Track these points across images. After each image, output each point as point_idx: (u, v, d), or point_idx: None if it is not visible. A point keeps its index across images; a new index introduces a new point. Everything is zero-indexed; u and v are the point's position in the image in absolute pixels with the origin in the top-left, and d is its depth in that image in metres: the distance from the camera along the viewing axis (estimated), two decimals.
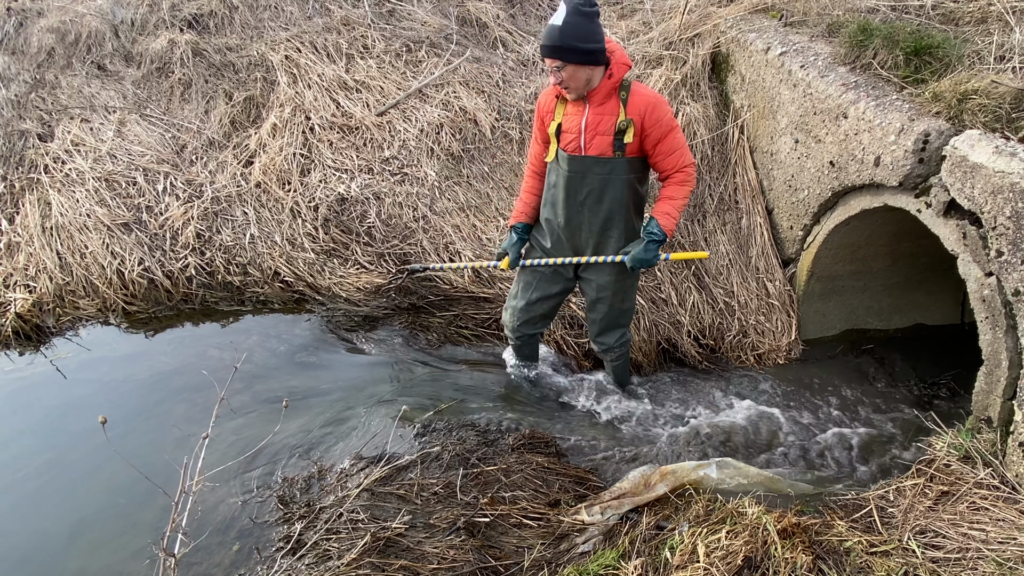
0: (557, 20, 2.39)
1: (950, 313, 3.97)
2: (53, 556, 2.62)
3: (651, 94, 2.58)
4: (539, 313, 3.16)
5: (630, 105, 2.56)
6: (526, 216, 2.97)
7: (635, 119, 2.56)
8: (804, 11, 3.98)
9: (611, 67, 2.52)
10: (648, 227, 2.71)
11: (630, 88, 2.56)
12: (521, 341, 3.36)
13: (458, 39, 5.29)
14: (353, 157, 4.59)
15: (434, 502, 2.65)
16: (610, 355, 3.31)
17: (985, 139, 2.47)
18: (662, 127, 2.57)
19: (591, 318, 3.17)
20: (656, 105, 2.55)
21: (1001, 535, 2.03)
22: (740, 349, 3.81)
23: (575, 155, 2.67)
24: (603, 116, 2.59)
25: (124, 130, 4.91)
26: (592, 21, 2.42)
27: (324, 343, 3.87)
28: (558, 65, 2.47)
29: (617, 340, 3.20)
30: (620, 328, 3.18)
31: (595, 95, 2.57)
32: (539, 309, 3.14)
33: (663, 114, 2.56)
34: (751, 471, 2.81)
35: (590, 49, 2.42)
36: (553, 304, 3.17)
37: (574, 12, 2.37)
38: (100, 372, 3.69)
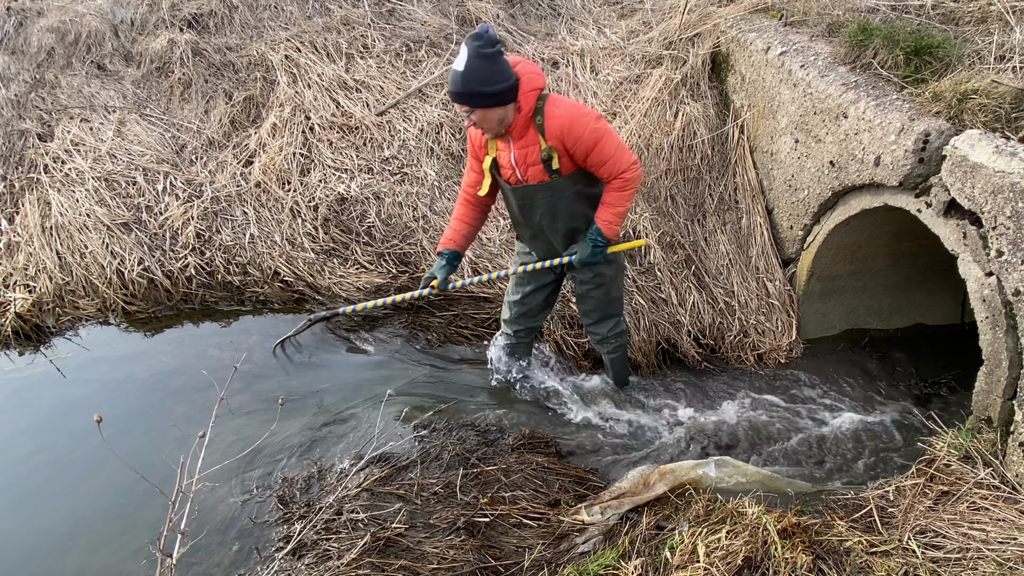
0: (459, 65, 2.34)
1: (950, 313, 3.97)
2: (53, 556, 2.62)
3: (565, 114, 2.48)
4: (535, 303, 3.19)
5: (547, 132, 2.50)
6: (455, 244, 2.89)
7: (555, 144, 2.53)
8: (804, 11, 3.98)
9: (519, 100, 2.46)
10: (591, 233, 2.73)
11: (544, 113, 2.48)
12: (519, 337, 3.37)
13: (458, 39, 5.29)
14: (353, 157, 4.59)
15: (434, 502, 2.65)
16: (607, 346, 3.30)
17: (985, 139, 2.47)
18: (585, 142, 2.49)
19: (582, 310, 3.21)
20: (571, 124, 2.47)
21: (1001, 535, 2.03)
22: (740, 349, 3.81)
23: (517, 186, 2.70)
24: (527, 148, 2.57)
25: (124, 130, 4.91)
26: (494, 62, 2.35)
27: (324, 343, 3.87)
28: (467, 110, 2.46)
29: (610, 330, 3.21)
30: (611, 318, 3.19)
31: (513, 131, 2.55)
32: (535, 299, 3.17)
33: (582, 130, 2.47)
34: (750, 470, 2.81)
35: (495, 91, 2.37)
36: (547, 294, 3.19)
37: (475, 56, 2.31)
38: (100, 372, 3.69)
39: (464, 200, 2.89)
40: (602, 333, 3.22)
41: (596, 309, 3.13)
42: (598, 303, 3.10)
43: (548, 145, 2.53)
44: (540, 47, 5.17)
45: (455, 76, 2.36)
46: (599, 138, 2.49)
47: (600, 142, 2.49)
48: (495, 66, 2.35)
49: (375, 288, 4.11)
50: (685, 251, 4.03)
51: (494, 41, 2.33)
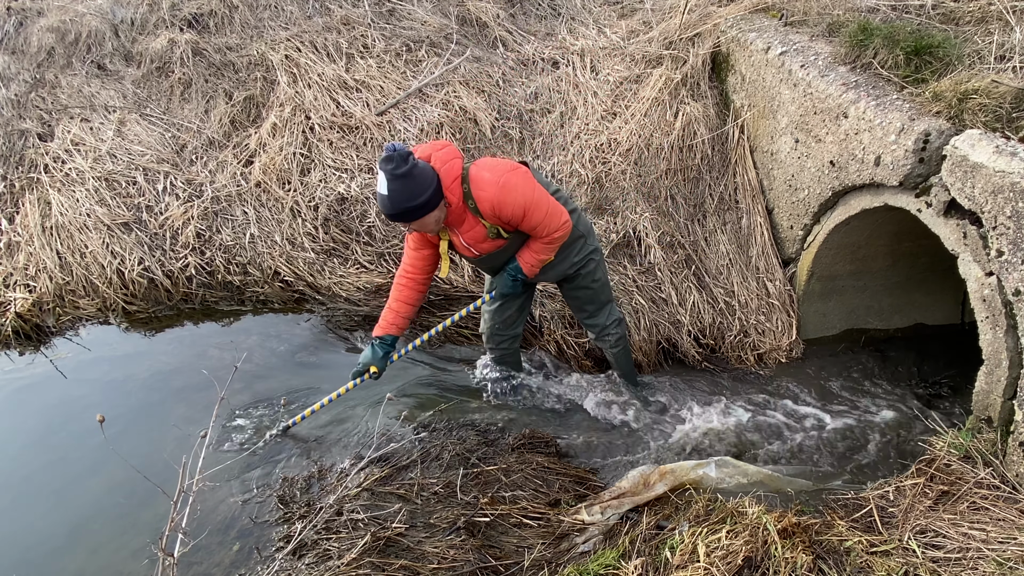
0: (382, 189, 2.41)
1: (950, 313, 3.97)
2: (53, 556, 2.62)
3: (490, 196, 2.53)
4: (511, 312, 3.22)
5: (482, 212, 2.59)
6: (396, 328, 2.89)
7: (493, 220, 2.63)
8: (804, 11, 3.98)
9: (445, 196, 2.52)
10: (511, 269, 2.82)
11: (472, 196, 2.55)
12: (502, 349, 3.39)
13: (458, 39, 5.29)
14: (353, 157, 4.59)
15: (434, 502, 2.65)
16: (608, 339, 3.29)
17: (985, 139, 2.47)
18: (516, 212, 2.57)
19: (576, 306, 3.24)
20: (500, 200, 2.53)
21: (1001, 535, 2.03)
22: (741, 349, 3.81)
23: (477, 257, 2.82)
24: (473, 229, 2.67)
25: (124, 130, 4.91)
26: (411, 177, 2.39)
27: (324, 343, 3.88)
28: (405, 224, 2.54)
29: (608, 317, 3.22)
30: (607, 304, 3.21)
31: (452, 222, 2.64)
32: (509, 308, 3.21)
33: (511, 202, 2.54)
34: (750, 469, 2.81)
35: (422, 203, 2.43)
36: (522, 302, 3.24)
37: (393, 179, 2.37)
38: (100, 372, 3.69)
39: (403, 283, 2.89)
40: (601, 323, 3.22)
41: (589, 300, 3.15)
42: (589, 293, 3.12)
43: (490, 224, 2.65)
44: (540, 47, 5.17)
45: (383, 200, 2.44)
46: (527, 207, 2.57)
47: (528, 211, 2.58)
48: (413, 180, 2.40)
49: (375, 288, 4.11)
50: (685, 251, 4.03)
51: (405, 156, 2.37)
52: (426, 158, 2.51)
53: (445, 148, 2.56)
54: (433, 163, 2.50)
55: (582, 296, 3.13)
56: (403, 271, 2.88)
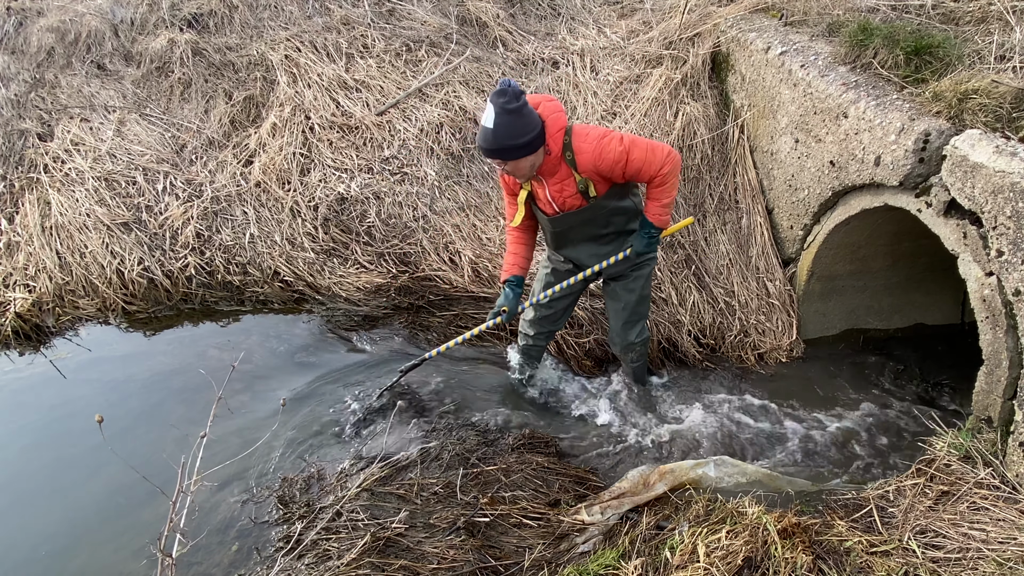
0: (488, 123, 2.41)
1: (950, 313, 3.97)
2: (53, 556, 2.62)
3: (592, 148, 2.54)
4: (560, 308, 3.24)
5: (579, 166, 2.58)
6: (519, 268, 2.97)
7: (590, 175, 2.61)
8: (804, 10, 3.98)
9: (547, 143, 2.52)
10: (643, 226, 2.80)
11: (573, 148, 2.55)
12: (536, 340, 3.38)
13: (458, 38, 5.29)
14: (353, 157, 4.59)
15: (434, 502, 2.65)
16: (632, 353, 3.31)
17: (985, 139, 2.47)
18: (617, 163, 2.56)
19: (614, 309, 3.19)
20: (600, 153, 2.54)
21: (1001, 535, 2.03)
22: (741, 348, 3.81)
23: (554, 216, 2.79)
24: (562, 183, 2.66)
25: (124, 129, 4.91)
26: (521, 115, 2.40)
27: (324, 343, 3.87)
28: (500, 163, 2.54)
29: (638, 335, 3.23)
30: (641, 320, 3.21)
31: (544, 172, 2.63)
32: (561, 304, 3.22)
33: (610, 154, 2.54)
34: (749, 469, 2.81)
35: (526, 143, 2.43)
36: (572, 300, 3.26)
37: (502, 112, 2.37)
38: (100, 372, 3.69)
39: (513, 231, 2.97)
40: (630, 339, 3.21)
41: (629, 307, 3.12)
42: (633, 298, 3.10)
43: (583, 177, 2.62)
44: (540, 47, 5.17)
45: (485, 134, 2.43)
46: (629, 153, 2.55)
47: (630, 155, 2.55)
48: (522, 119, 2.41)
49: (375, 288, 4.11)
50: (685, 251, 4.03)
51: (518, 94, 2.38)
52: (535, 105, 2.51)
53: (553, 101, 2.57)
54: (541, 111, 2.50)
55: (624, 298, 3.10)
56: (508, 221, 2.95)
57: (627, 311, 3.13)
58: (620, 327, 3.20)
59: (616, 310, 3.18)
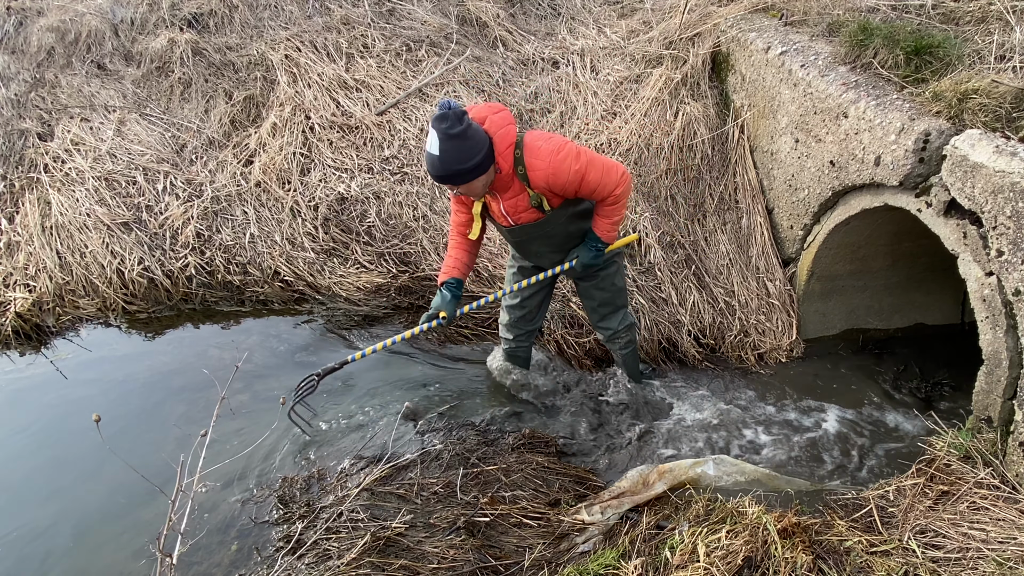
0: (433, 149, 2.33)
1: (950, 313, 3.97)
2: (54, 555, 2.62)
3: (543, 163, 2.45)
4: (533, 305, 3.21)
5: (532, 182, 2.51)
6: (458, 271, 2.86)
7: (543, 191, 2.56)
8: (804, 10, 3.98)
9: (497, 160, 2.44)
10: (589, 239, 2.77)
11: (524, 164, 2.47)
12: (518, 342, 3.37)
13: (458, 38, 5.29)
14: (353, 156, 4.59)
15: (434, 502, 2.65)
16: (618, 342, 3.30)
17: (985, 139, 2.47)
18: (570, 180, 2.49)
19: (590, 307, 3.20)
20: (555, 171, 2.46)
21: (1001, 535, 2.03)
22: (741, 348, 3.81)
23: (510, 228, 2.75)
24: (515, 198, 2.60)
25: (124, 129, 4.91)
26: (465, 137, 2.32)
27: (324, 343, 3.87)
28: (451, 187, 2.47)
29: (620, 323, 3.21)
30: (619, 309, 3.19)
31: (497, 188, 2.56)
32: (533, 302, 3.20)
33: (565, 173, 2.47)
34: (748, 468, 2.81)
35: (474, 165, 2.36)
36: (544, 296, 3.23)
37: (445, 138, 2.29)
38: (100, 372, 3.69)
39: (455, 235, 2.88)
40: (613, 327, 3.21)
41: (605, 303, 3.13)
42: (606, 296, 3.10)
43: (535, 193, 2.56)
44: (540, 47, 5.17)
45: (432, 160, 2.36)
46: (583, 172, 2.49)
47: (584, 177, 2.49)
48: (467, 141, 2.33)
49: (375, 287, 4.11)
50: (685, 251, 4.03)
51: (460, 115, 2.30)
52: (480, 120, 2.43)
53: (501, 112, 2.47)
54: (488, 126, 2.42)
55: (598, 297, 3.11)
56: (453, 227, 2.86)
57: (602, 307, 3.14)
58: (597, 321, 3.22)
59: (591, 308, 3.20)
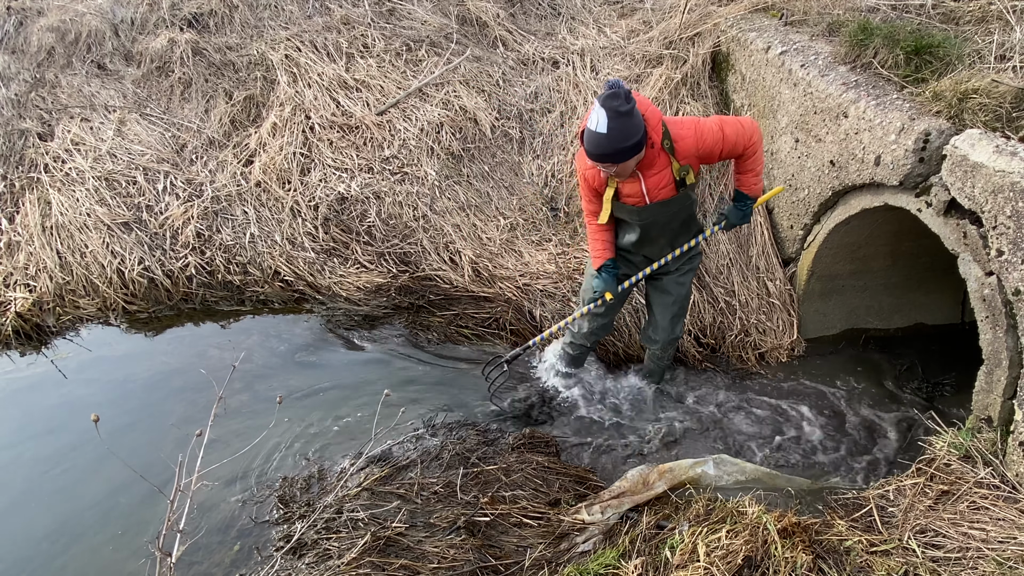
0: (600, 128, 2.35)
1: (950, 312, 3.96)
2: (54, 555, 2.62)
3: (689, 131, 2.55)
4: (615, 314, 3.32)
5: (679, 153, 2.57)
6: (610, 252, 2.95)
7: (690, 161, 2.61)
8: (804, 10, 3.98)
9: (650, 137, 2.50)
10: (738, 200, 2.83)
11: (672, 137, 2.54)
12: (590, 343, 3.44)
13: (458, 38, 5.29)
14: (353, 156, 4.59)
15: (434, 501, 2.65)
16: (669, 350, 3.34)
17: (985, 138, 2.47)
18: (715, 140, 2.58)
19: (662, 305, 3.17)
20: (700, 136, 2.56)
21: (1001, 534, 2.03)
22: (742, 348, 3.81)
23: (642, 207, 2.74)
24: (659, 174, 2.63)
25: (124, 129, 4.91)
26: (632, 116, 2.37)
27: (324, 342, 3.88)
28: (608, 165, 2.49)
29: (680, 329, 3.24)
30: (683, 315, 3.24)
31: (643, 164, 2.59)
32: (615, 312, 3.28)
33: (708, 132, 2.56)
34: (748, 467, 2.81)
35: (637, 142, 2.41)
36: (622, 304, 3.34)
37: (615, 116, 2.33)
38: (100, 372, 3.69)
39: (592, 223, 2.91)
40: (675, 333, 3.22)
41: (679, 303, 3.13)
42: (683, 295, 3.12)
43: (682, 165, 2.61)
44: (540, 46, 5.17)
45: (598, 139, 2.37)
46: (723, 131, 2.58)
47: (725, 136, 2.59)
48: (632, 119, 2.37)
49: (375, 287, 4.11)
50: None
51: (628, 95, 2.35)
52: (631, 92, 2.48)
53: (640, 94, 2.55)
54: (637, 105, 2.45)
55: (676, 293, 3.10)
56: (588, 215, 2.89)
57: (676, 305, 3.13)
58: (668, 321, 3.18)
59: (665, 304, 3.15)
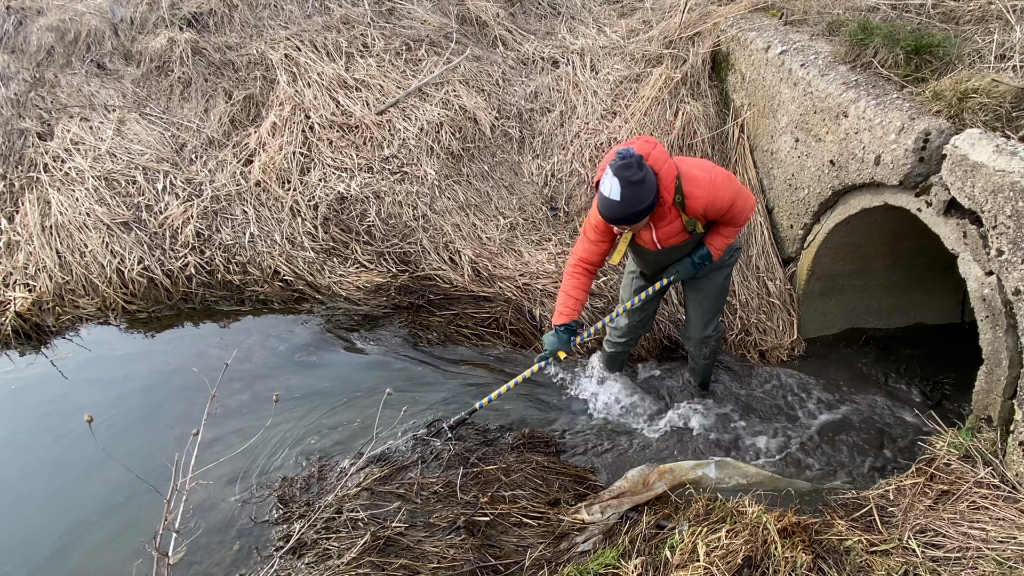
0: (613, 195, 2.43)
1: (950, 312, 3.96)
2: (53, 555, 2.62)
3: (703, 191, 2.59)
4: (651, 311, 3.33)
5: (688, 209, 2.63)
6: (576, 314, 2.90)
7: (698, 216, 2.67)
8: (804, 10, 3.98)
9: (661, 196, 2.55)
10: (698, 256, 2.88)
11: (684, 193, 2.59)
12: (624, 347, 3.46)
13: (458, 37, 5.28)
14: (353, 156, 4.59)
15: (434, 501, 2.65)
16: (707, 347, 3.32)
17: (985, 138, 2.47)
18: (724, 205, 2.64)
19: (695, 303, 3.18)
20: (713, 201, 2.61)
21: (1001, 534, 2.03)
22: (743, 347, 3.81)
23: (655, 250, 2.82)
24: (669, 225, 2.69)
25: (124, 129, 4.91)
26: (644, 183, 2.43)
27: (324, 342, 3.87)
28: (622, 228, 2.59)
29: (716, 328, 3.24)
30: (719, 313, 3.25)
31: (654, 218, 2.65)
32: (651, 307, 3.28)
33: (722, 196, 2.61)
34: (750, 470, 2.81)
35: (648, 205, 2.48)
36: (659, 301, 3.37)
37: (627, 185, 2.40)
38: (100, 371, 3.69)
39: (580, 271, 2.88)
40: (709, 332, 3.22)
41: (714, 300, 3.14)
42: (719, 296, 3.13)
43: (690, 219, 2.68)
44: (540, 46, 5.17)
45: (611, 205, 2.46)
46: (733, 200, 2.66)
47: (734, 204, 2.67)
48: (645, 185, 2.44)
49: (375, 287, 4.11)
50: None
51: (640, 162, 2.42)
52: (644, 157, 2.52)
53: (657, 146, 2.58)
54: (651, 163, 2.52)
55: (707, 291, 3.10)
56: (579, 260, 2.86)
57: (709, 301, 3.13)
58: (701, 318, 3.17)
59: (698, 300, 3.16)
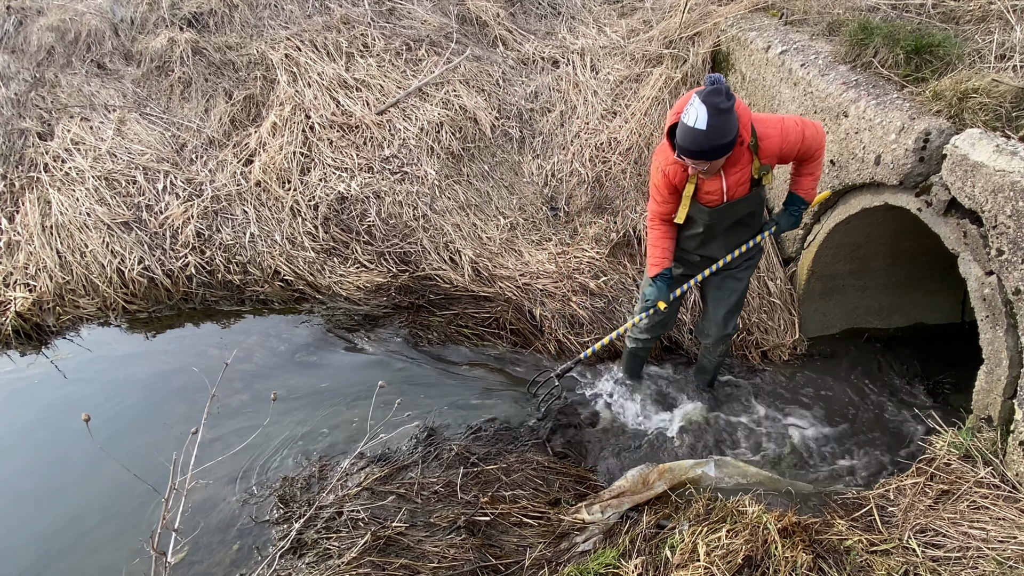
0: (699, 124, 2.27)
1: (950, 312, 3.97)
2: (53, 555, 2.62)
3: (775, 130, 2.52)
4: (674, 309, 3.30)
5: (762, 152, 2.54)
6: (668, 261, 2.89)
7: (771, 161, 2.59)
8: (804, 10, 3.98)
9: (740, 135, 2.43)
10: (792, 205, 2.84)
11: (758, 135, 2.50)
12: (646, 344, 3.42)
13: (458, 37, 5.28)
14: (353, 156, 4.59)
15: (434, 501, 2.65)
16: (723, 346, 3.31)
17: (986, 138, 2.47)
18: (796, 139, 2.55)
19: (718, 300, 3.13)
20: (785, 136, 2.53)
21: (1001, 534, 2.03)
22: (744, 347, 3.81)
23: (714, 208, 2.70)
24: (740, 172, 2.58)
25: (124, 129, 4.91)
26: (731, 113, 2.30)
27: (324, 342, 3.87)
28: (700, 162, 2.41)
29: (734, 327, 3.22)
30: (739, 311, 3.20)
31: (728, 163, 2.54)
32: (675, 306, 3.24)
33: (792, 131, 2.54)
34: (750, 470, 2.81)
35: (732, 139, 2.35)
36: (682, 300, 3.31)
37: (715, 113, 2.26)
38: (100, 371, 3.69)
39: (659, 223, 2.85)
40: (727, 330, 3.19)
41: (736, 299, 3.10)
42: (740, 295, 3.10)
43: (763, 164, 2.58)
44: (540, 46, 5.17)
45: (695, 136, 2.29)
46: (804, 133, 2.57)
47: (805, 135, 2.57)
48: (732, 116, 2.31)
49: (375, 287, 4.11)
50: None
51: (730, 92, 2.30)
52: None
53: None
54: None
55: (731, 288, 3.06)
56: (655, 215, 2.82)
57: (733, 299, 3.10)
58: (723, 316, 3.14)
59: (721, 299, 3.12)
